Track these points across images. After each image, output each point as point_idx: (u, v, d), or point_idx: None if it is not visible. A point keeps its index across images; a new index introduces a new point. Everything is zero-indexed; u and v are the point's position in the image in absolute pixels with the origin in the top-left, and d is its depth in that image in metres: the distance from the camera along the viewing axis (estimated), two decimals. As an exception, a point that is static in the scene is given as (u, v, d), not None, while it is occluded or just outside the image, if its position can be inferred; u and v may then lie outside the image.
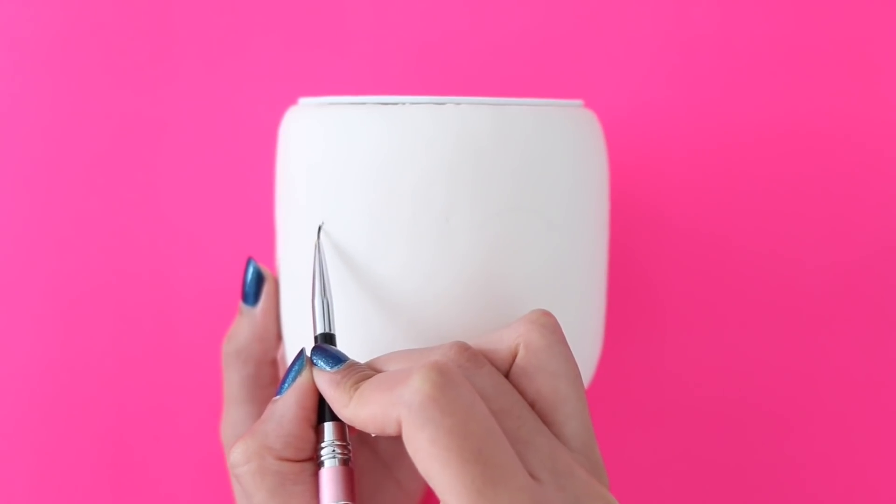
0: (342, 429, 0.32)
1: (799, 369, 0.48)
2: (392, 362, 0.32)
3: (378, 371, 0.31)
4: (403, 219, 0.33)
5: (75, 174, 0.48)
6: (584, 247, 0.36)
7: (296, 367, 0.32)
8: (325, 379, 0.31)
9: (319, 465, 0.31)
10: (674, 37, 0.48)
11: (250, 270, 0.38)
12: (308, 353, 0.32)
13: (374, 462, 0.44)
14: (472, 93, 0.38)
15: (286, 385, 0.32)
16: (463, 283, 0.33)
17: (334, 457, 0.31)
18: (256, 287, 0.38)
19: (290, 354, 0.38)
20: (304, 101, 0.37)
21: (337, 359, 0.31)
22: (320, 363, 0.32)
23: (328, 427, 0.32)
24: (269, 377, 0.39)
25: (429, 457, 0.27)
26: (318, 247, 0.33)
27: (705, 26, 0.48)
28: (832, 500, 0.48)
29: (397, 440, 0.44)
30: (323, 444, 0.31)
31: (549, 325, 0.31)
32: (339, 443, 0.31)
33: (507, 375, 0.31)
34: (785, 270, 0.48)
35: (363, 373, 0.31)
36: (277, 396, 0.32)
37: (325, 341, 0.33)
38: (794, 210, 0.48)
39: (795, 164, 0.48)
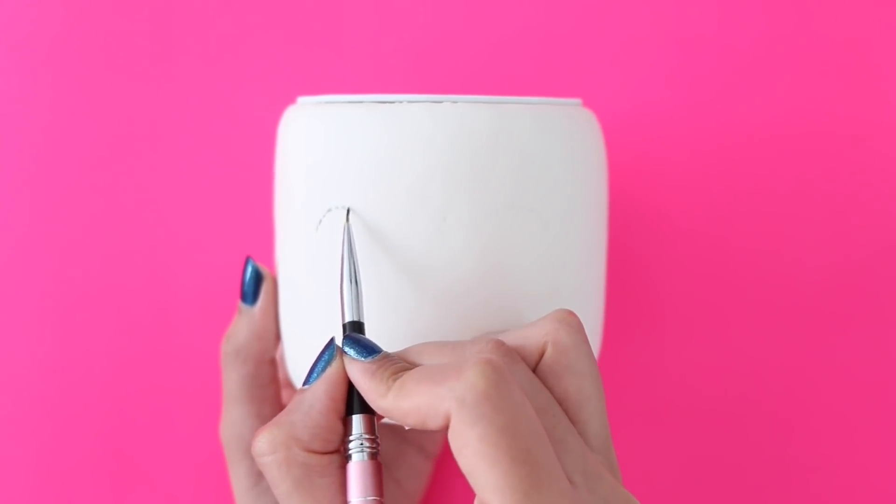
0: (371, 422, 0.31)
1: (799, 368, 0.48)
2: (426, 355, 0.31)
3: (412, 363, 0.31)
4: (401, 217, 0.33)
5: (75, 174, 0.48)
6: (581, 246, 0.36)
7: (325, 357, 0.31)
8: (358, 369, 0.30)
9: (347, 458, 0.31)
10: (673, 36, 0.48)
11: (249, 270, 0.38)
12: (338, 342, 0.31)
13: (373, 462, 0.44)
14: (470, 92, 0.37)
15: (315, 374, 0.31)
16: (460, 281, 0.33)
17: (363, 450, 0.30)
18: (255, 286, 0.38)
19: (289, 353, 0.38)
20: (302, 100, 0.37)
21: (371, 349, 0.31)
22: (352, 352, 0.31)
23: (357, 420, 0.31)
24: (267, 376, 0.39)
25: (476, 454, 0.26)
26: (346, 230, 0.33)
27: (705, 26, 0.48)
28: (833, 499, 0.48)
29: (397, 441, 0.44)
30: (351, 438, 0.31)
31: (574, 325, 0.31)
32: (367, 436, 0.31)
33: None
34: (785, 269, 0.48)
35: (400, 364, 0.30)
36: (305, 386, 0.31)
37: (354, 330, 0.32)
38: (795, 210, 0.48)
39: (795, 163, 0.48)
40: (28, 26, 0.48)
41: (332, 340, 0.31)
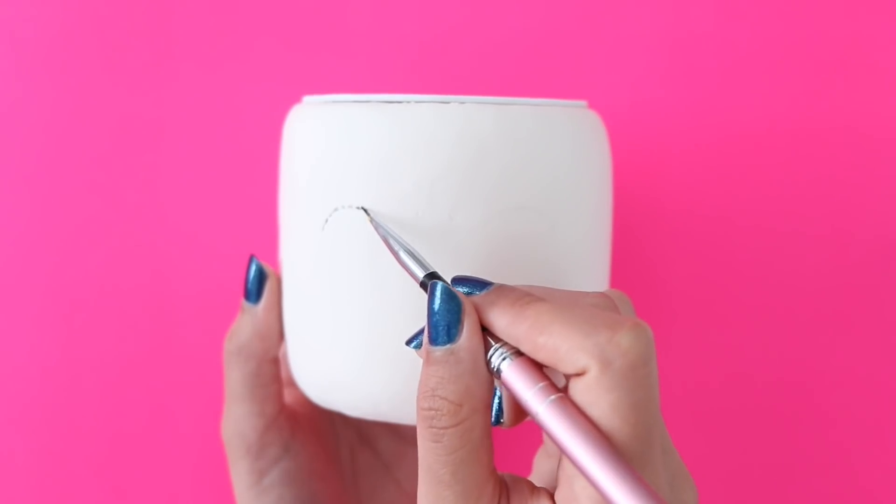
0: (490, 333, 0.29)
1: (800, 368, 0.48)
2: (537, 292, 0.29)
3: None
4: (407, 216, 0.33)
5: (75, 174, 0.48)
6: (586, 246, 0.36)
7: (450, 305, 0.28)
8: (484, 301, 0.29)
9: (497, 373, 0.28)
10: (679, 39, 0.48)
11: (252, 268, 0.38)
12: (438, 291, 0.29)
13: (374, 462, 0.44)
14: (475, 92, 0.38)
15: (451, 334, 0.28)
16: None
17: (506, 355, 0.28)
18: (258, 284, 0.38)
19: (292, 352, 0.38)
20: (308, 100, 0.37)
21: (482, 282, 0.29)
22: (465, 290, 0.29)
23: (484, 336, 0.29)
24: (270, 375, 0.39)
25: (599, 418, 0.26)
26: (372, 221, 0.32)
27: (710, 29, 0.48)
28: (834, 499, 0.48)
29: (397, 441, 0.44)
30: (490, 353, 0.28)
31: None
32: (499, 343, 0.28)
33: None
34: (787, 269, 0.48)
35: (521, 291, 0.29)
36: (449, 345, 0.28)
37: (435, 279, 0.30)
38: (796, 210, 0.48)
39: (798, 166, 0.48)
40: (28, 26, 0.48)
41: (449, 293, 0.28)
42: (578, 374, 0.26)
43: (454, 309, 0.28)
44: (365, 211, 0.33)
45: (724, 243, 0.48)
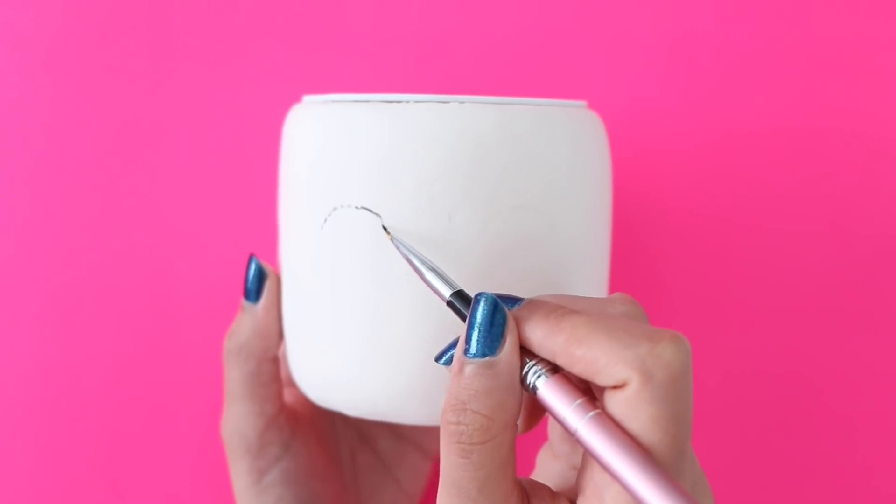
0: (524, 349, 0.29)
1: (800, 367, 0.48)
2: (577, 303, 0.29)
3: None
4: (406, 216, 0.33)
5: (76, 174, 0.48)
6: (586, 246, 0.36)
7: (496, 320, 0.28)
8: (523, 314, 0.28)
9: (532, 390, 0.28)
10: (679, 39, 0.48)
11: (252, 267, 0.38)
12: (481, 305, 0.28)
13: (374, 462, 0.44)
14: (474, 92, 0.38)
15: (493, 347, 0.28)
16: (465, 281, 0.33)
17: (541, 373, 0.28)
18: (258, 284, 0.38)
19: (291, 352, 0.38)
20: (308, 99, 0.37)
21: (513, 298, 0.29)
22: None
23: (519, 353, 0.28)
24: (269, 374, 0.39)
25: (638, 430, 0.26)
26: (391, 238, 0.32)
27: (710, 29, 0.48)
28: (836, 498, 0.48)
29: (398, 441, 0.44)
30: (525, 370, 0.28)
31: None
32: (534, 360, 0.28)
33: None
34: (787, 268, 0.48)
35: (563, 307, 0.28)
36: (489, 358, 0.28)
37: (462, 297, 0.30)
38: (798, 210, 0.48)
39: (798, 164, 0.48)
40: (28, 26, 0.48)
41: (497, 305, 0.28)
42: (617, 387, 0.26)
43: (500, 322, 0.28)
44: (385, 230, 0.33)
45: (724, 242, 0.48)
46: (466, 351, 0.28)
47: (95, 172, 0.48)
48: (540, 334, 0.28)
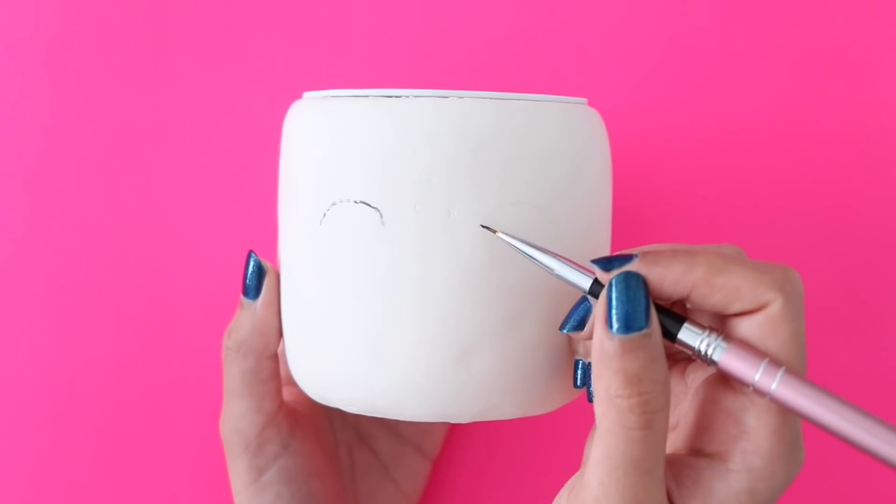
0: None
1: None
2: (692, 248, 0.30)
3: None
4: (405, 211, 0.33)
5: (76, 173, 0.48)
6: (585, 242, 0.36)
7: (639, 293, 0.29)
8: (646, 264, 0.29)
9: (711, 362, 0.29)
10: (679, 37, 0.48)
11: (251, 263, 0.38)
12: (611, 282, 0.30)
13: (372, 462, 0.44)
14: (474, 88, 0.38)
15: (646, 318, 0.29)
16: (463, 276, 0.33)
17: (716, 343, 0.29)
18: (257, 280, 0.38)
19: (290, 348, 0.37)
20: (308, 95, 0.37)
21: (624, 256, 0.30)
22: (615, 265, 0.30)
23: (688, 328, 0.30)
24: (268, 371, 0.39)
25: (779, 346, 0.28)
26: (508, 236, 0.32)
27: (710, 27, 0.48)
28: (835, 499, 0.48)
29: (396, 441, 0.44)
30: (697, 345, 0.29)
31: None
32: (707, 330, 0.30)
33: None
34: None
35: (681, 246, 0.30)
36: (646, 330, 0.29)
37: (597, 284, 0.31)
38: (799, 210, 0.48)
39: (797, 164, 0.48)
40: (28, 26, 0.48)
41: (639, 280, 0.29)
42: (756, 310, 0.29)
43: (644, 295, 0.29)
44: (489, 228, 0.33)
45: (724, 238, 0.48)
46: (622, 328, 0.29)
47: (94, 170, 0.48)
48: (678, 270, 0.29)
